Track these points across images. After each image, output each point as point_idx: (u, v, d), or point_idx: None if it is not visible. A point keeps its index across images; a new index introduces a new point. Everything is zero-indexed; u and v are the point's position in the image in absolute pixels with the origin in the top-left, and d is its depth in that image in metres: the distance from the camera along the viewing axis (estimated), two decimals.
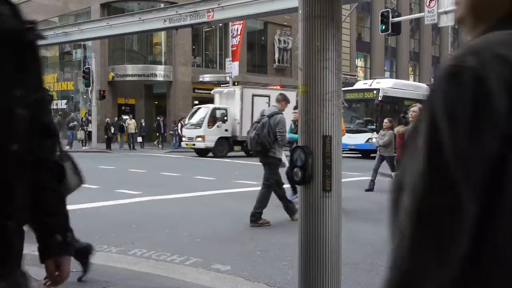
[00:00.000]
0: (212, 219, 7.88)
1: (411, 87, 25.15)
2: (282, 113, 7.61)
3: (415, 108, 8.99)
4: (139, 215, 8.02)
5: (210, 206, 8.98)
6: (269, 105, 21.56)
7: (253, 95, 23.04)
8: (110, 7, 33.47)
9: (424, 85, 28.34)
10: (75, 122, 27.28)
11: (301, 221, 3.19)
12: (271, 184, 7.51)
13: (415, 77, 48.18)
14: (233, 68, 29.34)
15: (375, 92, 21.92)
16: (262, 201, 7.34)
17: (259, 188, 8.21)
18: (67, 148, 26.00)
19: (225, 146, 22.76)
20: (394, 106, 22.91)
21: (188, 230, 6.93)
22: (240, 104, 22.77)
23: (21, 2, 40.77)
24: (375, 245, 6.23)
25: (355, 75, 39.96)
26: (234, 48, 29.87)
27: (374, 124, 21.95)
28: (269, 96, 22.26)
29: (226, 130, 22.67)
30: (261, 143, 7.29)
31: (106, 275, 4.58)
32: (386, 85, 22.89)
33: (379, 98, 21.62)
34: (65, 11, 37.01)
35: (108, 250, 5.79)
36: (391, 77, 41.44)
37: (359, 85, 23.98)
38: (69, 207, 5.35)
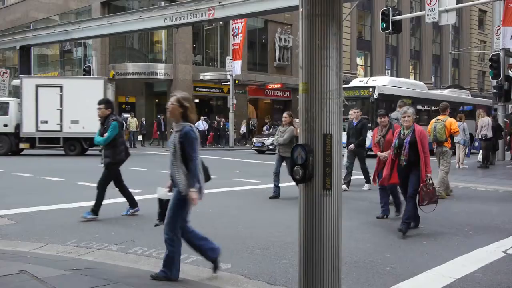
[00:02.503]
0: (213, 217, 7.89)
1: (407, 84, 24.99)
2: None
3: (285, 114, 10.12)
4: (139, 213, 8.02)
5: (210, 204, 8.98)
6: (61, 96, 20.58)
7: (38, 86, 20.89)
8: (110, 5, 33.45)
9: (420, 83, 28.23)
10: None
11: (302, 219, 3.20)
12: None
13: (415, 75, 48.14)
14: (235, 66, 29.29)
15: (370, 89, 21.76)
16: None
17: (260, 186, 8.31)
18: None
19: (4, 143, 21.03)
20: (390, 104, 22.84)
21: None
22: (20, 96, 20.87)
23: (22, 0, 40.80)
24: (375, 243, 6.24)
25: (355, 74, 39.92)
26: (236, 47, 29.82)
27: (370, 122, 21.85)
28: (61, 86, 20.88)
29: (6, 126, 20.88)
30: None
31: (107, 273, 4.58)
32: (382, 82, 22.69)
33: (375, 96, 21.49)
34: (65, 9, 36.98)
35: (108, 248, 5.80)
36: (391, 75, 41.38)
37: (355, 82, 23.82)
38: (71, 205, 5.41)
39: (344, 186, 11.07)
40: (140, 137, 29.33)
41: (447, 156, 10.16)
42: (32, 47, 30.68)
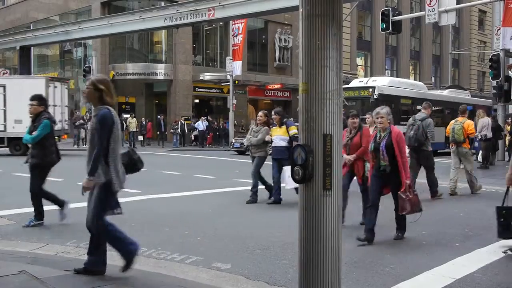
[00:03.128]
0: (213, 217, 7.89)
1: (407, 85, 25.00)
2: (430, 117, 10.19)
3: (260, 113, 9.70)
4: (139, 214, 8.02)
5: (210, 204, 8.98)
6: (4, 96, 20.58)
7: None
8: (110, 6, 33.44)
9: (420, 83, 28.24)
10: (81, 121, 27.31)
11: (302, 219, 3.20)
12: (433, 167, 10.07)
13: (415, 75, 48.14)
14: (236, 67, 29.27)
15: (370, 90, 21.77)
16: (434, 181, 10.01)
17: (260, 186, 8.48)
18: (74, 147, 26.06)
19: None
20: (390, 104, 22.75)
21: (188, 229, 6.93)
22: None
23: (22, 1, 40.79)
24: (375, 243, 6.23)
25: (355, 74, 39.92)
26: (237, 47, 29.82)
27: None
28: (4, 86, 20.82)
29: None
30: (418, 140, 9.78)
31: (106, 274, 4.58)
32: (382, 83, 22.70)
33: (375, 96, 21.50)
34: (65, 10, 36.98)
35: (108, 248, 5.78)
36: (391, 75, 41.39)
37: (354, 83, 23.83)
38: (70, 205, 5.39)
39: None
40: (140, 138, 29.31)
41: (468, 156, 10.81)
42: (32, 48, 30.67)
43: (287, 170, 8.62)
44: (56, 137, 7.83)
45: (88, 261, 4.49)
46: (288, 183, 8.63)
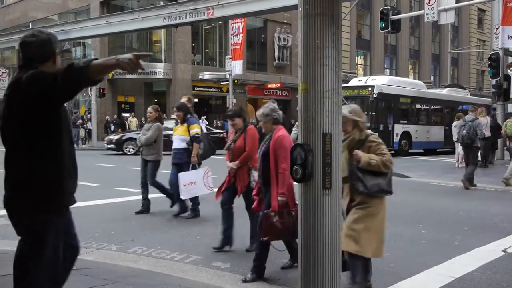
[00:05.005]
0: (214, 216, 7.89)
1: (406, 84, 25.01)
2: (478, 118, 11.88)
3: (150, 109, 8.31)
4: (138, 214, 8.02)
5: (209, 204, 8.97)
6: None
7: None
8: (109, 5, 33.42)
9: (419, 82, 28.24)
10: (81, 120, 27.31)
11: (301, 218, 3.20)
12: (477, 163, 12.02)
13: (414, 74, 48.14)
14: (236, 66, 29.21)
15: (370, 89, 21.77)
16: (472, 173, 11.62)
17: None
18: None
19: None
20: (389, 103, 22.82)
21: (188, 228, 6.94)
22: None
23: (21, 0, 40.73)
24: None
25: (355, 73, 39.91)
26: (237, 47, 29.76)
27: (369, 121, 21.88)
28: None
29: None
30: (470, 138, 11.29)
31: (106, 273, 4.58)
32: (381, 82, 22.71)
33: (374, 95, 21.51)
34: (64, 9, 36.95)
35: (108, 248, 5.80)
36: (390, 74, 41.38)
37: (354, 82, 23.82)
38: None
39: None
40: None
41: None
42: None
43: (181, 177, 7.51)
44: None
45: None
46: (183, 192, 7.51)
